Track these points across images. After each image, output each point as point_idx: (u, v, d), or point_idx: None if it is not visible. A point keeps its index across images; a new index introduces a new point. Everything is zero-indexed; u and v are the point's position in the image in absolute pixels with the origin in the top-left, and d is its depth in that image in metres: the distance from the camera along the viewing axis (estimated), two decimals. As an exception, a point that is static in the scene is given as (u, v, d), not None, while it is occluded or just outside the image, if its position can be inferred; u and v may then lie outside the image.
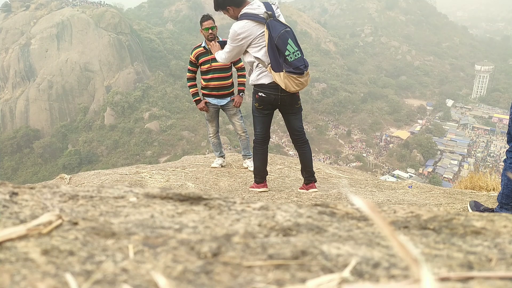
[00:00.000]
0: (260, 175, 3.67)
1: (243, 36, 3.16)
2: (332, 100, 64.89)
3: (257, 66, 3.27)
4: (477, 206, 2.82)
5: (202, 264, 0.55)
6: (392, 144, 59.57)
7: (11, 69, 58.91)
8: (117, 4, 79.36)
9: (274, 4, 3.21)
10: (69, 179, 4.32)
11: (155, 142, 53.16)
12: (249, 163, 4.65)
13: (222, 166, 4.83)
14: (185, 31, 77.08)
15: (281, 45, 3.06)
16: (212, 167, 4.77)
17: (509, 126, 2.51)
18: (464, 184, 4.39)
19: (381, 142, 61.03)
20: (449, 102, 75.49)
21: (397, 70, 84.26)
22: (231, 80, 4.55)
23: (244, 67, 4.49)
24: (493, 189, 3.95)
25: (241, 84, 4.52)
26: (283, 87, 3.17)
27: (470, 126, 67.87)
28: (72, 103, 57.93)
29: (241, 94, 4.50)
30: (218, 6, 3.26)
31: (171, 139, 53.55)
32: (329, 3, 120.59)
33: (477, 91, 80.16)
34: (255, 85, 3.35)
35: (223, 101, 4.49)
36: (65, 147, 53.01)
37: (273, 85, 3.24)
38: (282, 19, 3.24)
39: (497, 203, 2.61)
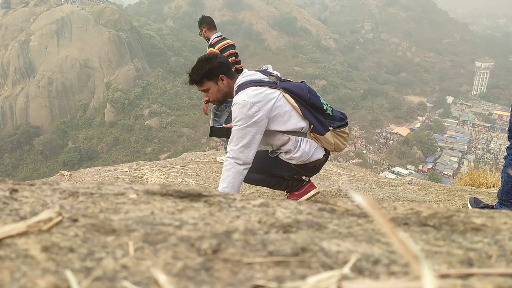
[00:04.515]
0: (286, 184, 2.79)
1: (260, 106, 2.24)
2: (332, 97, 64.82)
3: (292, 142, 2.42)
4: (476, 203, 2.82)
5: (202, 260, 0.55)
6: (392, 141, 59.55)
7: (11, 65, 58.80)
8: (117, 1, 79.24)
9: (267, 68, 2.57)
10: (70, 176, 4.32)
11: (155, 139, 53.16)
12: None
13: None
14: (185, 27, 76.90)
15: (316, 101, 2.40)
16: (219, 161, 4.82)
17: (510, 123, 2.50)
18: (464, 181, 4.40)
19: (381, 139, 61.02)
20: (449, 99, 75.41)
21: (397, 67, 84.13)
22: None
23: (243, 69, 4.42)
24: (493, 186, 3.95)
25: None
26: (333, 149, 2.53)
27: (470, 122, 67.84)
28: (72, 100, 57.89)
29: None
30: (209, 72, 2.33)
31: (171, 136, 53.55)
32: (329, 0, 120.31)
33: (477, 88, 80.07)
34: (303, 165, 2.51)
35: None
36: (65, 144, 53.02)
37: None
38: None
39: (497, 200, 2.61)
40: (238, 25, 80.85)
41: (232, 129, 2.30)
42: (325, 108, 2.42)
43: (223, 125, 2.64)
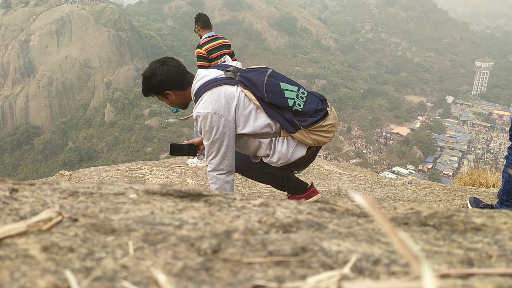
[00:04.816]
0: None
1: (221, 112, 2.04)
2: (332, 97, 64.81)
3: (265, 146, 2.19)
4: (476, 203, 2.82)
5: (202, 260, 0.55)
6: (392, 141, 59.59)
7: (11, 65, 58.83)
8: (117, 0, 79.30)
9: (225, 61, 2.38)
10: (70, 176, 4.32)
11: (155, 139, 53.17)
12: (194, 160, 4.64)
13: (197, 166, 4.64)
14: (185, 27, 76.86)
15: (277, 99, 2.07)
16: (191, 165, 4.64)
17: (511, 123, 2.50)
18: (464, 181, 4.40)
19: (381, 138, 61.05)
20: (449, 99, 75.43)
21: (397, 67, 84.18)
22: None
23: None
24: (493, 186, 3.95)
25: None
26: (315, 145, 2.23)
27: (470, 122, 67.89)
28: (72, 100, 57.90)
29: None
30: (152, 91, 2.19)
31: (171, 136, 53.51)
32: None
33: (477, 88, 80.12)
34: (288, 164, 2.27)
35: None
36: (65, 144, 53.03)
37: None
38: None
39: (497, 200, 2.61)
40: (238, 24, 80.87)
41: (204, 142, 2.16)
42: (291, 105, 2.06)
43: (185, 141, 2.48)
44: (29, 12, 63.89)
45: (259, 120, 2.10)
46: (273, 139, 2.16)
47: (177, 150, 2.47)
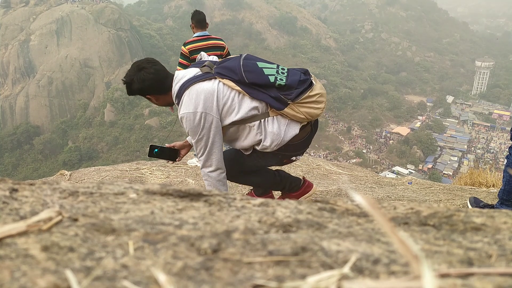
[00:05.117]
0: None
1: (204, 109, 2.04)
2: (332, 97, 64.82)
3: (255, 130, 2.13)
4: (476, 202, 2.83)
5: (202, 260, 0.55)
6: (392, 141, 59.59)
7: (11, 65, 58.83)
8: (117, 0, 79.28)
9: (201, 58, 2.31)
10: (70, 176, 4.32)
11: (155, 139, 53.13)
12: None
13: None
14: (185, 27, 76.79)
15: (257, 78, 2.03)
16: (191, 165, 4.64)
17: None
18: (464, 180, 4.40)
19: (381, 138, 61.06)
20: (449, 98, 75.43)
21: (398, 66, 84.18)
22: None
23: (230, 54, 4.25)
24: (493, 185, 3.95)
25: None
26: (308, 120, 2.15)
27: (470, 122, 67.89)
28: (72, 100, 57.91)
29: None
30: (133, 93, 2.18)
31: (171, 136, 53.48)
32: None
33: (478, 87, 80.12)
34: (283, 146, 2.18)
35: None
36: (65, 144, 53.04)
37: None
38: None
39: (497, 199, 2.61)
40: (238, 24, 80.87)
41: (192, 141, 2.19)
42: (272, 81, 2.01)
43: (166, 144, 2.44)
44: (29, 11, 63.88)
45: (244, 104, 2.06)
46: (262, 120, 2.10)
47: (156, 153, 2.40)
